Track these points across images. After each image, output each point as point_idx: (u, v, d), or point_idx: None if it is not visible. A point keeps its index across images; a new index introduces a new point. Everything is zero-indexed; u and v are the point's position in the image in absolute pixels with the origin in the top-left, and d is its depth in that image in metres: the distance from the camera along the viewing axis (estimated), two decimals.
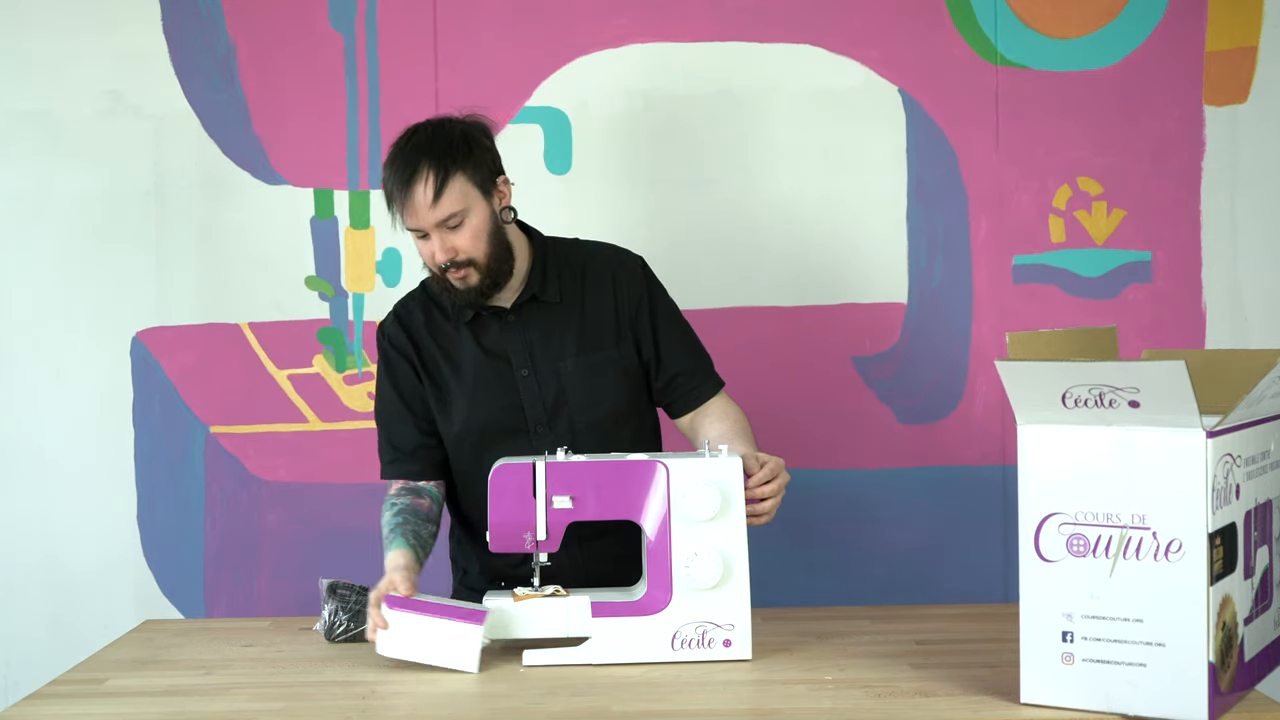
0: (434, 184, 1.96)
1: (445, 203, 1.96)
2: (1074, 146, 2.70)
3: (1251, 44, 2.69)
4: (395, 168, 1.99)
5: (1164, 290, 2.71)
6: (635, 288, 2.13)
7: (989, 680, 1.66)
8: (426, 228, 1.98)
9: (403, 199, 1.97)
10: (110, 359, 2.74)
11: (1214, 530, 1.46)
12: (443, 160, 1.97)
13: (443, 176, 1.96)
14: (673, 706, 1.60)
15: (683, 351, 2.15)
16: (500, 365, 2.09)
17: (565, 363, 2.08)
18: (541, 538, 1.82)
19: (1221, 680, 1.48)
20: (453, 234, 1.99)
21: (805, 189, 2.72)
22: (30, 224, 2.74)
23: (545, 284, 2.10)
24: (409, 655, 1.77)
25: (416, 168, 1.96)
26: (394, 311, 2.17)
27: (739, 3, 2.70)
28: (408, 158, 1.98)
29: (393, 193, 1.99)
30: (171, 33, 2.72)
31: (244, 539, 2.75)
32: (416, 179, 1.96)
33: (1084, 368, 1.46)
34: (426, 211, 1.97)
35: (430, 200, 1.96)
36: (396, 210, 2.00)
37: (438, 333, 2.12)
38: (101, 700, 1.69)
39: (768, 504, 1.90)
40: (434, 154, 1.97)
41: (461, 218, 1.98)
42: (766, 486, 1.89)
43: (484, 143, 2.03)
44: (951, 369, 2.73)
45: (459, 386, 2.09)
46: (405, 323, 2.14)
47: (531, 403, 2.08)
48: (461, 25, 2.71)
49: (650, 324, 2.12)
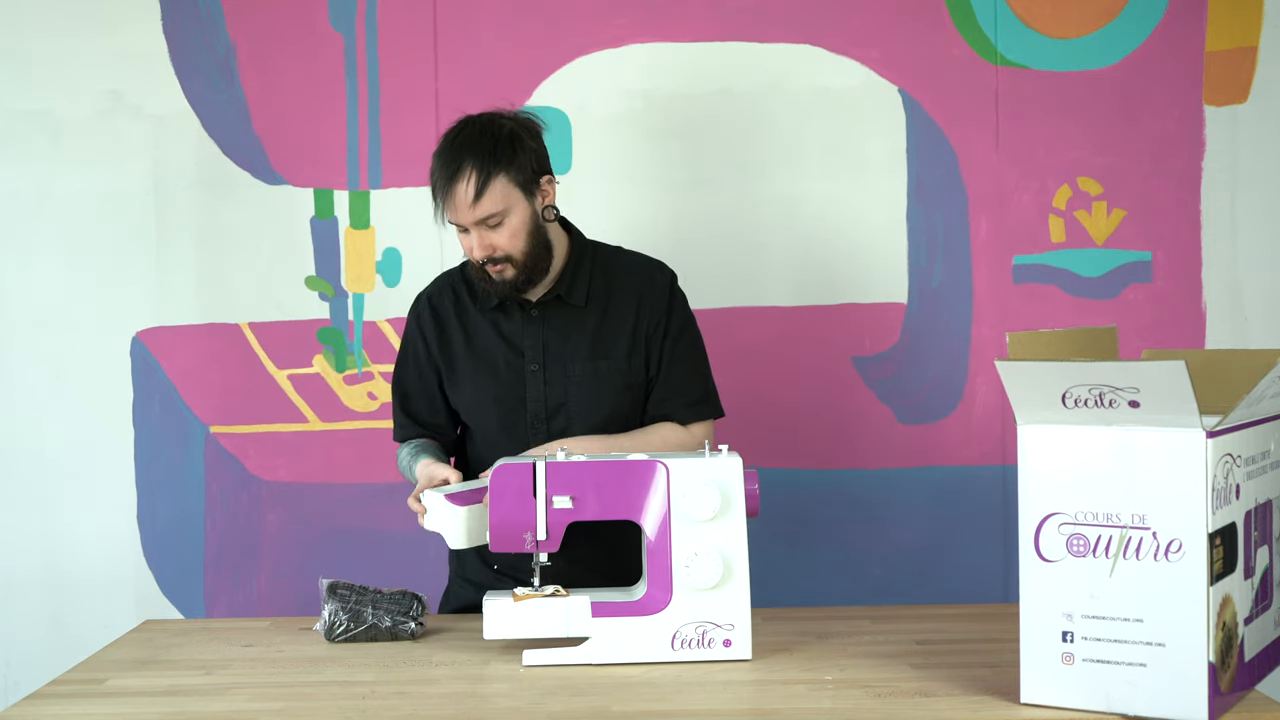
0: (475, 184, 2.00)
1: (486, 203, 2.01)
2: (1074, 146, 2.70)
3: (1251, 44, 2.69)
4: (441, 162, 2.04)
5: (1164, 290, 2.71)
6: (658, 306, 2.16)
7: (989, 680, 1.66)
8: (466, 224, 2.03)
9: (445, 194, 2.02)
10: (110, 359, 2.74)
11: (1214, 530, 1.46)
12: (486, 161, 2.01)
13: (485, 177, 2.00)
14: (673, 706, 1.60)
15: (680, 378, 2.16)
16: (513, 356, 2.13)
17: (574, 366, 2.12)
18: (541, 538, 1.82)
19: (1221, 680, 1.48)
20: (491, 232, 2.03)
21: (805, 189, 2.72)
22: (30, 224, 2.74)
23: (573, 286, 2.14)
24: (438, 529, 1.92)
25: (460, 165, 2.01)
26: (428, 291, 2.23)
27: (739, 3, 2.70)
28: (454, 154, 2.02)
29: (437, 186, 2.04)
30: (171, 33, 2.72)
31: (244, 539, 2.75)
32: (459, 177, 2.00)
33: (1084, 368, 1.46)
34: (467, 210, 2.01)
35: (471, 200, 2.00)
36: (439, 203, 2.05)
37: (463, 313, 2.18)
38: (101, 700, 1.69)
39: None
40: (479, 153, 2.01)
41: (501, 217, 2.03)
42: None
43: (529, 143, 2.07)
44: (951, 369, 2.73)
45: (471, 368, 2.15)
46: (435, 303, 2.21)
47: (534, 397, 2.12)
48: (461, 25, 2.71)
49: (660, 344, 2.15)
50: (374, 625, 1.92)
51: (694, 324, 2.20)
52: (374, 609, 1.93)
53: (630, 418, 2.15)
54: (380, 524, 2.73)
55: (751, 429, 2.66)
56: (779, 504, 2.63)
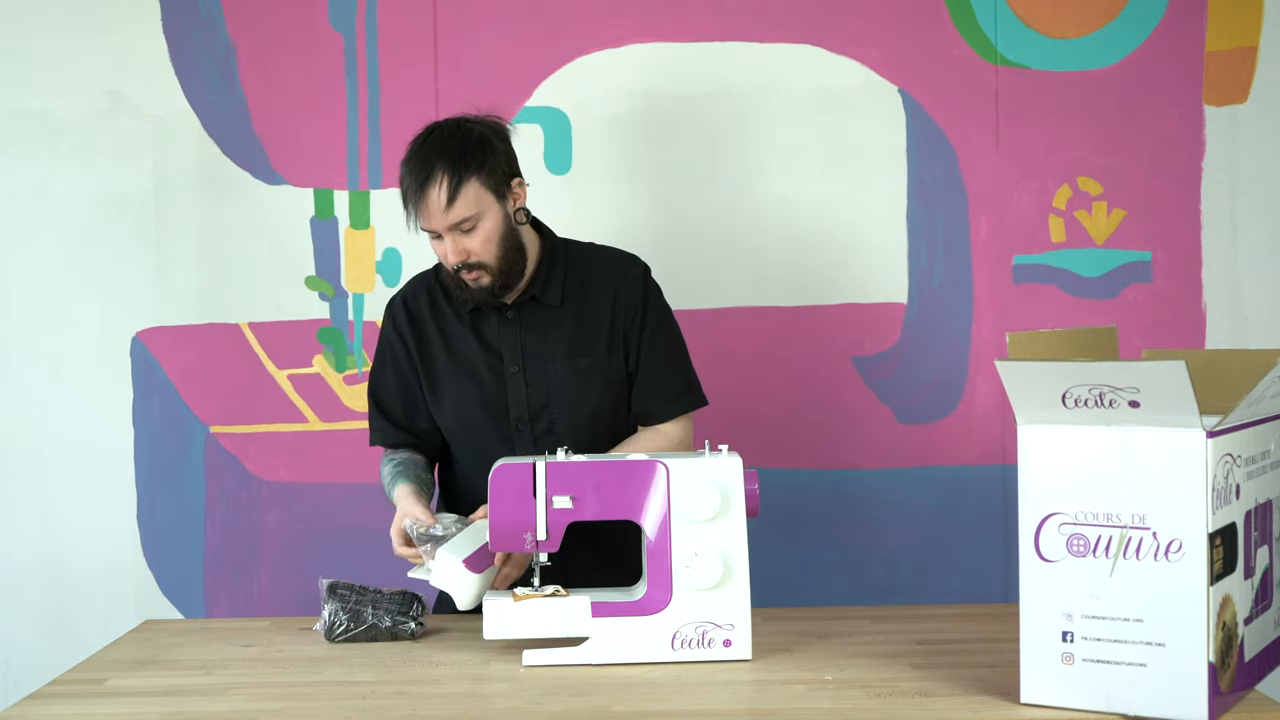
0: (448, 188, 1.97)
1: (459, 207, 1.99)
2: (1074, 146, 2.70)
3: (1251, 44, 2.69)
4: (411, 168, 2.01)
5: (1164, 290, 2.71)
6: (633, 300, 2.14)
7: (989, 680, 1.66)
8: (440, 230, 2.01)
9: (417, 201, 2.00)
10: (110, 359, 2.74)
11: (1214, 530, 1.46)
12: (458, 165, 1.98)
13: (456, 181, 1.98)
14: (673, 706, 1.60)
15: (657, 370, 2.15)
16: (492, 359, 2.12)
17: (554, 365, 2.11)
18: (541, 538, 1.82)
19: (1221, 680, 1.48)
20: (465, 237, 2.01)
21: (805, 189, 2.72)
22: (30, 224, 2.74)
23: (547, 286, 2.12)
24: (435, 582, 1.89)
25: (431, 170, 1.98)
26: (402, 293, 2.21)
27: (739, 3, 2.70)
28: (424, 159, 2.00)
29: (408, 193, 2.01)
30: (171, 33, 2.72)
31: (244, 539, 2.75)
32: (431, 182, 1.98)
33: (1084, 368, 1.46)
34: (440, 215, 1.99)
35: (444, 204, 1.98)
36: (411, 210, 2.02)
37: (440, 318, 2.16)
38: (101, 700, 1.69)
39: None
40: (449, 158, 1.99)
41: (475, 222, 2.01)
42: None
43: (499, 146, 2.05)
44: (951, 369, 2.73)
45: (452, 372, 2.13)
46: (410, 305, 2.18)
47: (516, 400, 2.11)
48: (461, 25, 2.71)
49: (638, 338, 2.14)
50: (374, 625, 1.92)
51: (670, 315, 2.19)
52: (374, 609, 1.93)
53: (615, 414, 2.15)
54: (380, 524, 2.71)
55: (751, 429, 2.67)
56: (779, 504, 2.63)
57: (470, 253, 2.02)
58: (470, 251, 2.02)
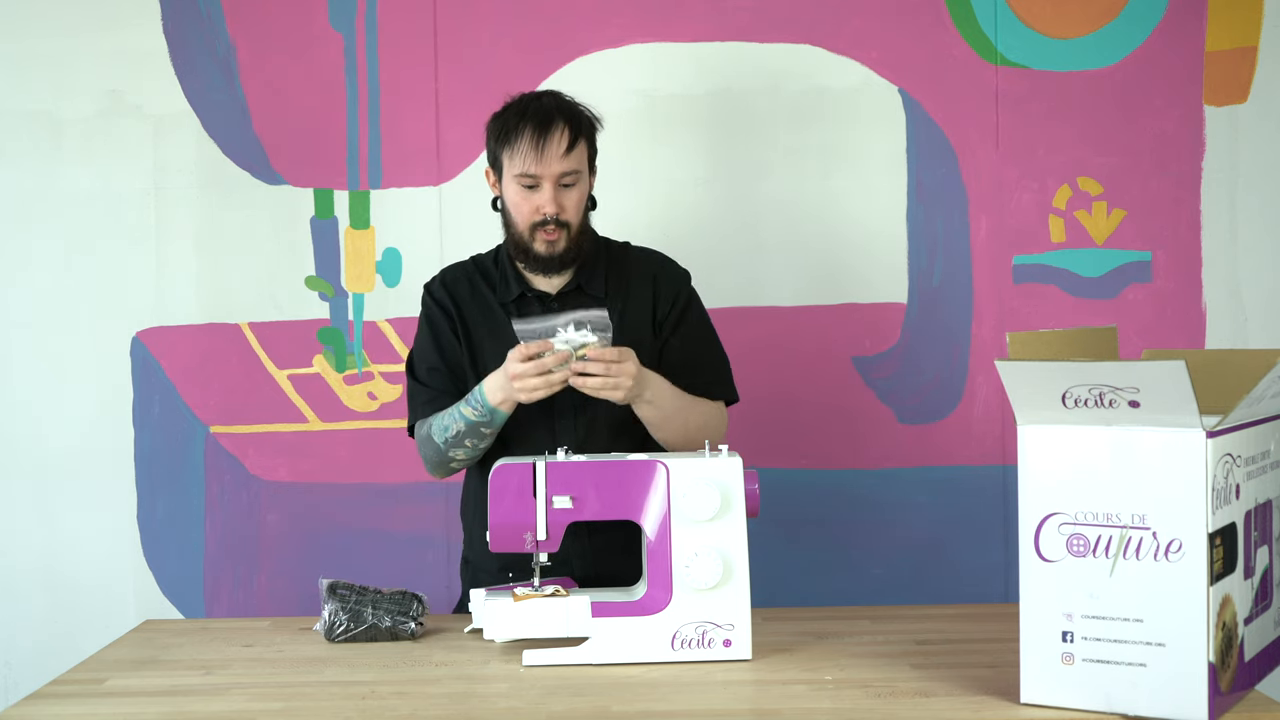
0: (569, 137, 2.04)
1: (573, 158, 2.05)
2: (1074, 146, 2.70)
3: (1251, 44, 2.69)
4: (529, 112, 2.05)
5: (1164, 290, 2.71)
6: (675, 292, 2.18)
7: (989, 680, 1.66)
8: (547, 177, 2.04)
9: (537, 140, 2.02)
10: (110, 359, 2.74)
11: (1214, 530, 1.46)
12: (578, 122, 2.07)
13: (575, 134, 2.05)
14: (673, 706, 1.60)
15: (693, 362, 2.15)
16: None
17: None
18: (542, 538, 1.82)
19: (1221, 680, 1.48)
20: (564, 192, 2.06)
21: (805, 189, 2.72)
22: (30, 224, 2.74)
23: (592, 277, 2.14)
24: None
25: (554, 119, 2.04)
26: (440, 276, 2.21)
27: (739, 3, 2.70)
28: (543, 109, 2.06)
29: (523, 134, 2.03)
30: (171, 33, 2.72)
31: (244, 539, 2.75)
32: (555, 127, 2.03)
33: (1084, 368, 1.46)
34: (557, 160, 2.03)
35: (564, 150, 2.03)
36: (519, 151, 2.04)
37: (482, 303, 2.16)
38: (101, 700, 1.69)
39: (593, 382, 1.94)
40: (569, 115, 2.07)
41: (576, 179, 2.07)
42: (594, 365, 1.92)
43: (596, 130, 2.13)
44: (951, 369, 2.73)
45: (495, 360, 2.09)
46: (450, 287, 2.18)
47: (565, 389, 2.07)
48: (461, 25, 2.71)
49: (675, 330, 2.15)
50: (374, 625, 1.92)
51: (709, 320, 2.22)
52: (374, 609, 1.92)
53: None
54: (380, 524, 2.73)
55: (751, 429, 2.66)
56: (779, 504, 2.63)
57: (564, 208, 2.05)
58: (564, 207, 2.06)
